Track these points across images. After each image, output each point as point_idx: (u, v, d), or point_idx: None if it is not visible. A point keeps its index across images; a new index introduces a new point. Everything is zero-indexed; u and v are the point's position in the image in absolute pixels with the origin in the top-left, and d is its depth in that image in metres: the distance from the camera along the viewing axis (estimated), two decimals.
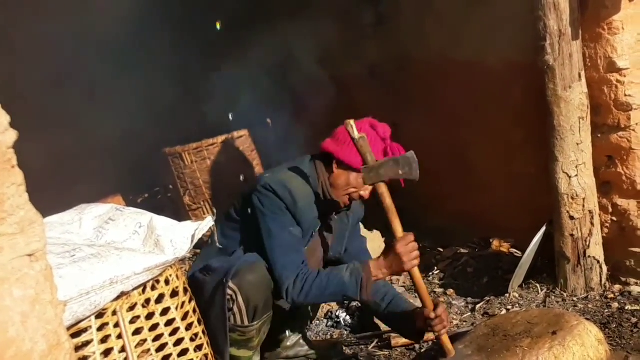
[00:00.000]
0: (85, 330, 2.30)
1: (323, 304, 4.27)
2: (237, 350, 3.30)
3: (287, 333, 3.86)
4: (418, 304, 4.32)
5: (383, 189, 3.14)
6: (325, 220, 3.51)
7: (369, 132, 3.28)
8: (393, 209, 3.13)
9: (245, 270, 3.20)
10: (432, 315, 3.17)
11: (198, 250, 4.04)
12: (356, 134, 3.11)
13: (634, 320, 3.81)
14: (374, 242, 5.03)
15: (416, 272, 3.18)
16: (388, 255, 3.18)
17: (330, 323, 4.43)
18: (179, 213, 6.00)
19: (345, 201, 3.42)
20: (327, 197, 3.39)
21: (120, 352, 2.37)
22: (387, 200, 3.13)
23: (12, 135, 1.55)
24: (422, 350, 3.88)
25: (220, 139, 5.77)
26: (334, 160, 3.37)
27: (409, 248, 3.13)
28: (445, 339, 3.22)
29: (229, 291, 3.18)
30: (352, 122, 3.13)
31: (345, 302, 3.71)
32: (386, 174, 3.11)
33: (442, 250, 5.34)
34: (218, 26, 6.43)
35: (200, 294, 3.10)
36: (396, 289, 4.56)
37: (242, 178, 5.72)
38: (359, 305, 4.47)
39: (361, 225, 3.98)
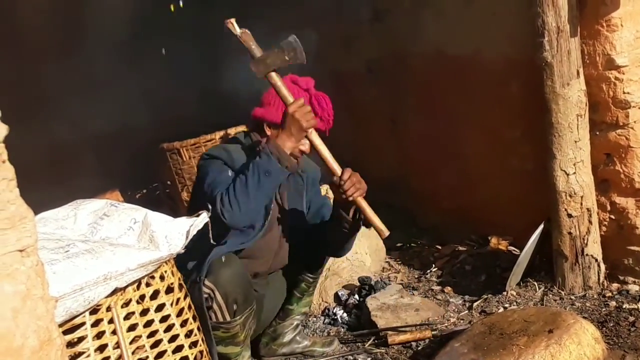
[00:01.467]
0: (79, 326, 2.29)
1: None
2: (224, 348, 3.30)
3: (283, 330, 3.86)
4: (413, 304, 4.35)
5: (272, 76, 3.14)
6: None
7: (290, 87, 3.31)
8: (281, 84, 3.15)
9: (219, 265, 3.21)
10: (341, 181, 3.18)
11: None
12: (238, 30, 3.11)
13: (631, 319, 3.80)
14: (371, 239, 5.03)
15: (314, 135, 3.18)
16: (284, 122, 3.15)
17: (327, 320, 4.42)
18: (177, 209, 5.98)
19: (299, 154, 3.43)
20: None
21: (114, 348, 2.36)
22: (277, 81, 3.14)
23: (3, 130, 1.54)
24: (419, 348, 3.88)
25: (218, 134, 5.74)
26: (264, 123, 3.42)
27: (302, 108, 3.11)
28: (361, 203, 3.23)
29: (205, 289, 3.18)
30: (232, 20, 3.12)
31: (274, 182, 3.52)
32: (273, 62, 3.11)
33: (439, 247, 5.33)
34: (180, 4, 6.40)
35: None
36: (393, 286, 4.57)
37: None
38: (357, 302, 4.47)
39: (323, 188, 3.97)
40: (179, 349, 2.58)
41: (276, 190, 3.47)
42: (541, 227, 4.36)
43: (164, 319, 2.55)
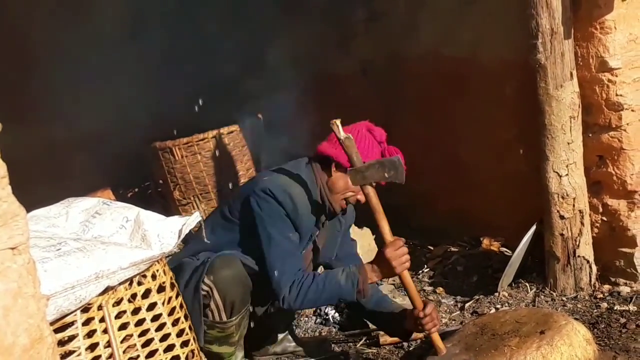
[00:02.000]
0: (70, 324, 2.28)
1: None
2: (218, 347, 3.29)
3: (275, 329, 3.86)
4: (407, 303, 4.34)
5: (369, 191, 3.14)
6: (320, 225, 3.51)
7: (365, 136, 3.32)
8: (381, 210, 3.15)
9: (220, 265, 3.21)
10: (422, 314, 3.20)
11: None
12: (342, 134, 3.11)
13: (622, 320, 3.81)
14: (364, 239, 5.03)
15: (406, 274, 3.20)
16: (379, 261, 3.21)
17: (318, 320, 4.42)
18: (169, 208, 5.98)
19: (342, 205, 3.44)
20: (326, 202, 3.39)
21: (105, 347, 2.35)
22: (374, 201, 3.14)
23: None
24: (411, 349, 3.88)
25: (211, 134, 5.74)
26: (332, 163, 3.36)
27: (398, 253, 3.15)
28: (436, 337, 3.23)
29: (204, 287, 3.18)
30: (337, 122, 3.12)
31: (340, 303, 3.76)
32: (372, 176, 3.11)
33: (432, 248, 5.34)
34: None
35: (177, 278, 3.11)
36: (385, 286, 4.57)
37: (240, 178, 5.73)
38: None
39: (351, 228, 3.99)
40: (170, 348, 2.57)
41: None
42: (533, 228, 4.37)
43: (155, 318, 2.54)
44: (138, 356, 2.44)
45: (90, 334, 2.33)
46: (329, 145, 3.38)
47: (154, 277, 2.57)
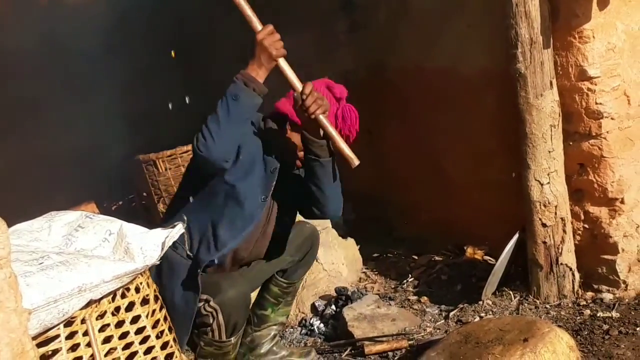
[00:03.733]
0: (53, 338, 2.28)
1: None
2: None
3: (260, 340, 3.86)
4: (391, 313, 4.36)
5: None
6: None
7: (324, 93, 3.28)
8: (245, 4, 3.10)
9: (227, 287, 3.18)
10: (298, 95, 3.11)
11: None
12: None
13: (605, 327, 3.83)
14: (348, 249, 5.05)
15: (282, 61, 3.11)
16: (254, 50, 3.11)
17: (304, 331, 4.43)
18: (154, 220, 5.96)
19: (298, 162, 3.43)
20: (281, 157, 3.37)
21: None
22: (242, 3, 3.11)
23: None
24: (396, 358, 3.89)
25: None
26: (287, 121, 3.38)
27: (271, 36, 3.07)
28: (323, 120, 3.13)
29: (208, 308, 3.17)
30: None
31: (247, 110, 3.21)
32: None
33: (416, 257, 5.35)
34: (173, 54, 6.41)
35: (168, 273, 3.15)
36: (369, 296, 4.58)
37: None
38: (333, 312, 4.47)
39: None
40: None
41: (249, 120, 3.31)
42: (516, 236, 4.38)
43: (139, 330, 2.54)
44: None
45: (73, 348, 2.33)
46: (286, 103, 3.41)
47: (137, 290, 2.57)
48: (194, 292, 3.15)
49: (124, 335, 2.48)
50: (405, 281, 5.01)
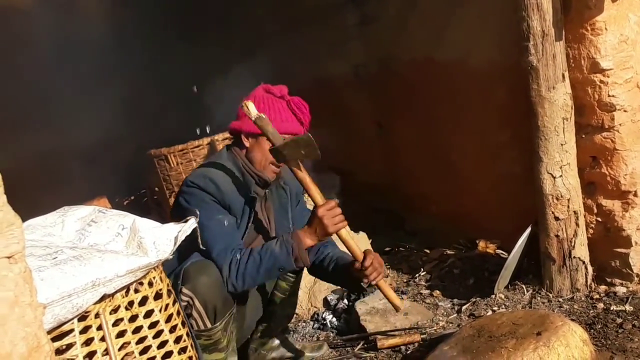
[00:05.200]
0: (67, 333, 2.28)
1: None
2: (209, 355, 3.26)
3: (270, 334, 3.86)
4: (404, 305, 4.35)
5: (294, 168, 3.16)
6: (259, 199, 3.50)
7: (265, 97, 3.39)
8: (308, 180, 3.17)
9: (195, 272, 3.18)
10: (361, 266, 3.22)
11: None
12: (254, 114, 3.14)
13: (619, 320, 3.82)
14: (360, 243, 5.03)
15: (342, 232, 3.21)
16: (312, 222, 3.20)
17: (316, 325, 4.43)
18: (165, 215, 5.97)
19: (271, 171, 3.46)
20: (252, 173, 3.43)
21: (103, 355, 2.35)
22: (300, 175, 3.16)
23: None
24: (408, 352, 3.89)
25: (206, 140, 5.74)
26: (242, 135, 3.44)
27: (331, 212, 3.15)
28: (383, 285, 3.27)
29: (184, 297, 3.15)
30: (248, 103, 3.16)
31: (282, 272, 3.50)
32: (290, 155, 3.12)
33: (428, 251, 5.35)
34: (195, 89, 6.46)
35: None
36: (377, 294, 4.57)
37: None
38: (346, 306, 4.47)
39: (305, 201, 3.97)
40: (168, 355, 2.57)
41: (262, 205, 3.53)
42: (528, 230, 4.38)
43: (152, 325, 2.54)
44: None
45: (87, 342, 2.33)
46: (236, 122, 3.49)
47: (150, 284, 2.57)
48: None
49: (137, 330, 2.48)
50: (417, 275, 5.01)
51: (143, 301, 2.52)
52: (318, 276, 3.90)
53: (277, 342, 3.89)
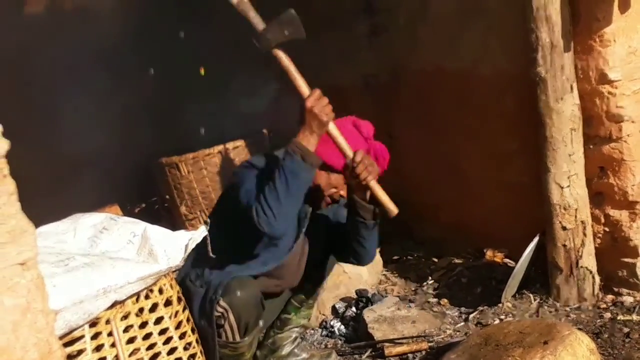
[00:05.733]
0: (78, 338, 2.32)
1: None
2: None
3: (281, 342, 3.88)
4: (412, 315, 4.37)
5: (278, 53, 3.07)
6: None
7: (351, 131, 3.30)
8: (292, 69, 3.07)
9: (235, 286, 3.19)
10: (350, 163, 3.12)
11: None
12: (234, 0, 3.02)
13: (626, 330, 3.83)
14: None
15: (332, 126, 3.10)
16: (304, 118, 3.08)
17: (324, 332, 4.45)
18: (176, 223, 6.01)
19: (327, 201, 3.44)
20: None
21: None
22: (285, 62, 3.06)
23: (4, 145, 1.58)
24: None
25: (217, 149, 5.78)
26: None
27: (320, 102, 3.06)
28: (376, 188, 3.17)
29: (219, 309, 3.17)
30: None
31: (303, 182, 3.20)
32: (274, 38, 3.00)
33: (436, 260, 5.35)
34: (202, 72, 6.45)
35: (189, 302, 3.11)
36: (390, 298, 4.60)
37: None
38: (354, 314, 4.49)
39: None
40: None
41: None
42: (536, 239, 4.39)
43: (162, 331, 2.58)
44: None
45: (98, 348, 2.37)
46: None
47: (160, 291, 2.61)
48: (211, 309, 3.20)
49: (147, 336, 2.52)
50: (425, 283, 5.02)
51: (153, 308, 2.56)
52: (347, 252, 3.69)
53: (286, 350, 3.91)
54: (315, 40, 6.12)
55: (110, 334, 2.39)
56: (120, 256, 2.58)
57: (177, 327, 2.67)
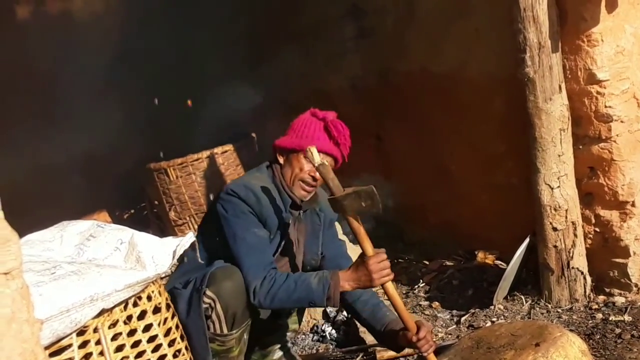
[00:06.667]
0: (66, 347, 2.29)
1: (305, 318, 4.23)
2: None
3: (272, 347, 3.86)
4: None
5: (350, 220, 3.12)
6: (293, 219, 3.50)
7: (306, 118, 3.45)
8: (362, 232, 3.12)
9: (222, 276, 3.20)
10: (416, 338, 3.17)
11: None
12: (317, 160, 3.14)
13: (617, 330, 3.82)
14: (355, 255, 5.04)
15: (389, 287, 3.16)
16: (358, 270, 3.16)
17: (315, 337, 4.43)
18: (165, 228, 5.99)
19: (302, 188, 3.45)
20: (288, 193, 3.43)
21: None
22: (354, 224, 3.11)
23: None
24: None
25: (205, 153, 5.77)
26: (276, 152, 3.48)
27: (380, 265, 3.12)
28: (432, 357, 3.23)
29: (206, 299, 3.18)
30: (312, 148, 3.16)
31: (312, 307, 3.60)
32: (350, 206, 3.08)
33: (427, 263, 5.35)
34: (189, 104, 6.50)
35: (176, 305, 3.09)
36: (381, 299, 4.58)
37: (211, 197, 5.73)
38: (345, 319, 4.48)
39: (338, 229, 3.97)
40: None
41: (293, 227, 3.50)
42: (527, 241, 4.38)
43: (151, 339, 2.55)
44: None
45: (87, 357, 2.34)
46: (279, 140, 3.50)
47: (149, 298, 2.58)
48: (198, 300, 3.19)
49: (136, 344, 2.49)
50: (416, 286, 5.01)
51: (142, 315, 2.54)
52: (349, 312, 3.88)
53: (277, 354, 3.89)
54: (302, 44, 6.15)
55: (98, 342, 2.36)
56: (107, 263, 2.56)
57: (166, 334, 2.64)
